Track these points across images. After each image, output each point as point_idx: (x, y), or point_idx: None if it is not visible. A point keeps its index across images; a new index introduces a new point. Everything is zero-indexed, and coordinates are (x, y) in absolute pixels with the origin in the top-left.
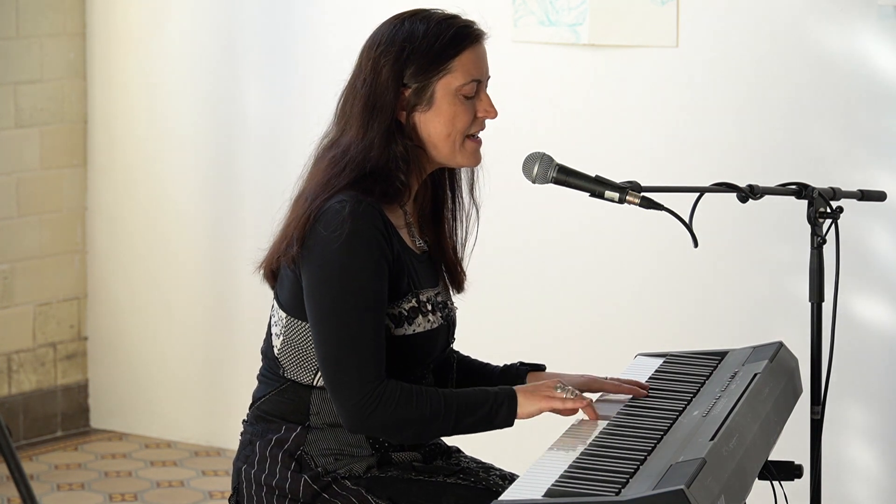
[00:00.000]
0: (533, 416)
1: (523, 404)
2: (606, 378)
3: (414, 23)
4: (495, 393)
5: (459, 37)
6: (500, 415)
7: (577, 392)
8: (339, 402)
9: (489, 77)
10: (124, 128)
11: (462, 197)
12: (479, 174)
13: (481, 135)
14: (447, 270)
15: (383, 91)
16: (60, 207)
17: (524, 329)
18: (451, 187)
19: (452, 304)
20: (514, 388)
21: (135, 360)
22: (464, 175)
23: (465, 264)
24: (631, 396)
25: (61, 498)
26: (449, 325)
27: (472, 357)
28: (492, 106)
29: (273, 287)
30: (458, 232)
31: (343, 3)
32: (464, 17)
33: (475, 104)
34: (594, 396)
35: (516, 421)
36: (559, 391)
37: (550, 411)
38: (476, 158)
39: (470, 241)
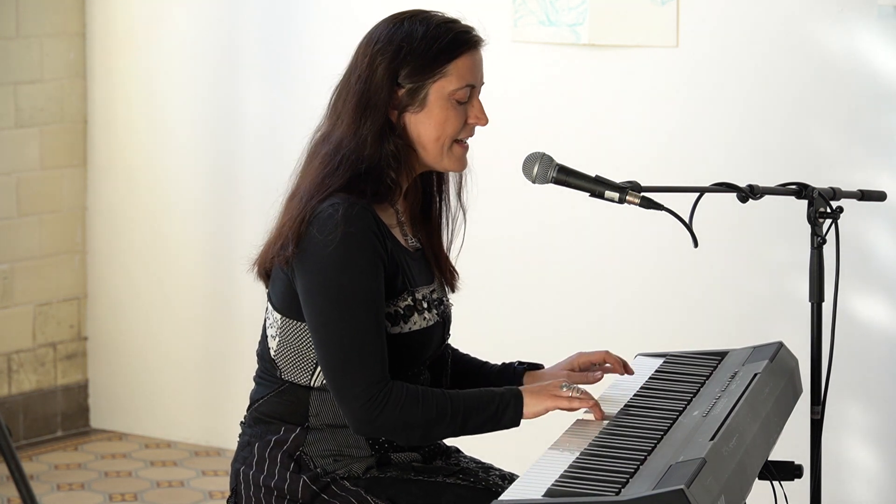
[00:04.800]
0: (539, 415)
1: (529, 404)
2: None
3: (413, 24)
4: (501, 393)
5: (457, 41)
6: (507, 415)
7: (582, 390)
8: (344, 405)
9: (483, 84)
10: (124, 128)
11: (449, 200)
12: (466, 178)
13: (469, 140)
14: (439, 271)
15: (377, 89)
16: (60, 207)
17: (523, 329)
18: (438, 190)
19: (447, 300)
20: (520, 388)
21: (135, 360)
22: (451, 178)
23: (454, 264)
24: (632, 395)
25: (61, 498)
26: (444, 321)
27: (471, 355)
28: (483, 113)
29: (267, 286)
30: (445, 234)
31: (343, 3)
32: (463, 21)
33: (467, 110)
34: (593, 389)
35: (522, 421)
36: (565, 390)
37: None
38: (462, 164)
39: (456, 242)
